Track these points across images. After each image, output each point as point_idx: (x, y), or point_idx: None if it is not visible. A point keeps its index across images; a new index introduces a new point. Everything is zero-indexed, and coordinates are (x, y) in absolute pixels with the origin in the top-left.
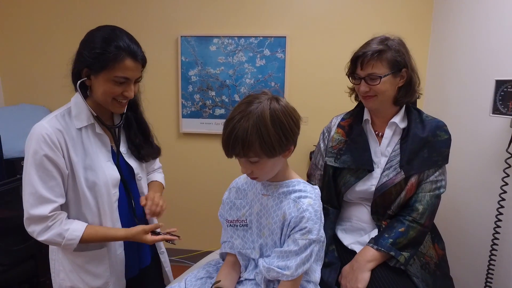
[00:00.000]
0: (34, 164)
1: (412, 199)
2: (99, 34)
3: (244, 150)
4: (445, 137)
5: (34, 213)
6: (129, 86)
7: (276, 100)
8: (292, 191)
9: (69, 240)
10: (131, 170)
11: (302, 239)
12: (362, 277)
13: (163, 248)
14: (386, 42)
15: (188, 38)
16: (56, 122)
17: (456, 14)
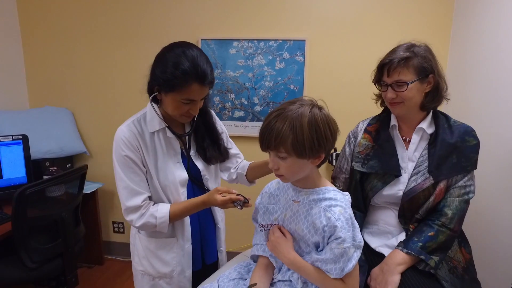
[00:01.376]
0: (120, 163)
1: (440, 204)
2: (170, 56)
3: (276, 143)
4: (473, 142)
5: (129, 204)
6: (194, 105)
7: (318, 108)
8: (322, 199)
9: (161, 218)
10: (198, 171)
11: (338, 248)
12: (392, 279)
13: (222, 247)
14: (412, 49)
15: (208, 41)
16: (133, 126)
17: (478, 16)
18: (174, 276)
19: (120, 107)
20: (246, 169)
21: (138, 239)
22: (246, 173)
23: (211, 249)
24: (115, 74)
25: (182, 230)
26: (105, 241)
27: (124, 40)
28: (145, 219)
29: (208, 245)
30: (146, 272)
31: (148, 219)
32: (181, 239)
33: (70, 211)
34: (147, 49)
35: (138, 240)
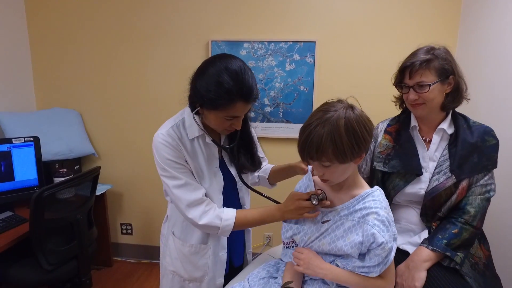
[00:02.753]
0: (169, 166)
1: (462, 202)
2: (212, 72)
3: (318, 155)
4: (493, 142)
5: (191, 198)
6: (238, 121)
7: (351, 109)
8: (353, 211)
9: (226, 220)
10: (233, 178)
11: (384, 251)
12: (419, 276)
13: (250, 248)
14: (433, 52)
15: (218, 42)
16: (172, 132)
17: (484, 18)
18: (205, 281)
19: (129, 109)
20: (269, 172)
21: (171, 240)
22: (269, 177)
23: (239, 252)
24: (124, 76)
25: (217, 237)
26: (113, 243)
27: (134, 41)
28: (209, 218)
29: (237, 248)
30: (177, 273)
31: (213, 219)
32: (215, 246)
33: (84, 213)
34: (157, 50)
35: (172, 241)
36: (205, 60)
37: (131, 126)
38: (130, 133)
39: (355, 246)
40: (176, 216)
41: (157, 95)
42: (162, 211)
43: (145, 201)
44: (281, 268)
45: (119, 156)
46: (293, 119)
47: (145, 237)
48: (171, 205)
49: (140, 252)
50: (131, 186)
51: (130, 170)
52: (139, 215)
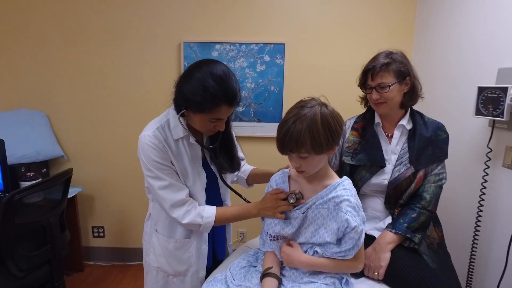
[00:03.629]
0: (154, 167)
1: (419, 190)
2: (198, 76)
3: (298, 147)
4: (444, 136)
5: (175, 199)
6: (221, 123)
7: (325, 106)
8: (327, 200)
9: (207, 217)
10: (215, 176)
11: (356, 234)
12: (384, 256)
13: (231, 241)
14: (391, 56)
15: (190, 43)
16: (158, 133)
17: (436, 27)
18: (188, 275)
19: (99, 110)
20: (248, 174)
21: (155, 237)
22: (247, 178)
23: (222, 245)
24: (94, 77)
25: (200, 232)
26: (85, 247)
27: (104, 41)
28: (191, 217)
29: (220, 242)
30: (161, 269)
31: (194, 218)
32: (197, 240)
33: (57, 216)
34: (128, 51)
35: (155, 238)
36: (191, 64)
37: (102, 127)
38: (101, 134)
39: (333, 233)
40: (159, 214)
41: (129, 96)
42: (136, 212)
43: (118, 202)
44: (260, 257)
45: (90, 158)
46: (264, 118)
47: (118, 239)
48: (153, 204)
49: (113, 254)
50: (103, 188)
51: (101, 172)
52: (112, 217)
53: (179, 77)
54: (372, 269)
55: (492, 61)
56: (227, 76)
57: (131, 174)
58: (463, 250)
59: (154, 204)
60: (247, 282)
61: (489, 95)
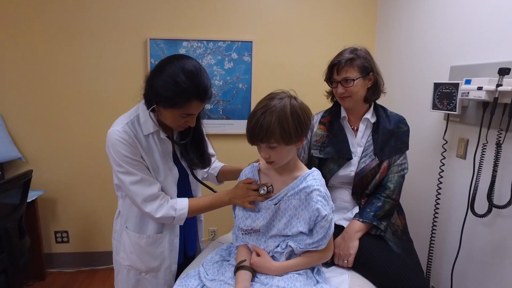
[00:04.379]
0: (125, 163)
1: (384, 180)
2: (169, 71)
3: (267, 137)
4: (405, 128)
5: (147, 193)
6: (192, 118)
7: (294, 99)
8: (298, 191)
9: (180, 209)
10: (185, 170)
11: (326, 223)
12: (353, 245)
13: (203, 237)
14: (355, 52)
15: (157, 40)
16: (128, 128)
17: (397, 25)
18: (161, 270)
19: (61, 109)
20: (218, 171)
21: (125, 235)
22: (217, 175)
23: (193, 241)
24: (54, 75)
25: (171, 226)
26: (47, 254)
27: (65, 38)
28: (165, 210)
29: (190, 237)
30: (133, 267)
31: (168, 211)
32: (170, 234)
33: (15, 222)
34: (91, 48)
35: (126, 236)
36: (162, 59)
37: (64, 128)
38: (63, 134)
39: (306, 223)
40: (129, 211)
41: (92, 95)
42: (102, 213)
43: (83, 205)
44: (233, 251)
45: (51, 160)
46: (232, 115)
47: (84, 243)
48: (122, 201)
49: (79, 260)
50: (66, 191)
51: (64, 173)
52: (76, 221)
53: (150, 72)
54: (342, 258)
55: (446, 60)
56: (199, 71)
57: (96, 174)
58: (424, 235)
59: (124, 201)
60: (221, 276)
61: (443, 91)
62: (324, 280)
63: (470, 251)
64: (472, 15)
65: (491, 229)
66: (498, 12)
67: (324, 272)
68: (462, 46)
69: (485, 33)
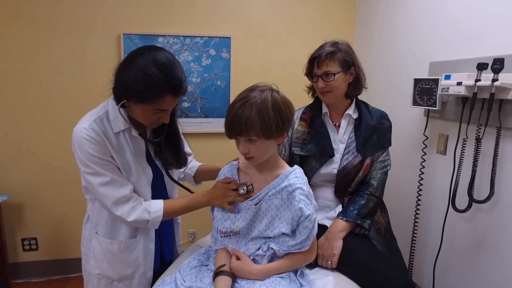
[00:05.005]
0: (93, 163)
1: (367, 177)
2: (140, 64)
3: (247, 129)
4: (387, 124)
5: (118, 195)
6: (166, 114)
7: (276, 92)
8: (280, 190)
9: (155, 212)
10: (160, 172)
11: (310, 223)
12: (336, 245)
13: (180, 241)
14: (337, 45)
15: (131, 36)
16: (95, 126)
17: (377, 19)
18: (135, 278)
19: (27, 109)
20: (195, 170)
21: (95, 241)
22: (194, 175)
23: (170, 245)
24: (20, 72)
25: (145, 230)
26: (12, 263)
27: (31, 33)
28: (138, 213)
29: (167, 241)
30: (104, 275)
31: (141, 214)
32: (144, 239)
33: None
34: (60, 43)
35: (96, 242)
36: (132, 51)
37: (30, 127)
38: (29, 135)
39: (288, 223)
40: (99, 215)
41: (62, 93)
42: (74, 218)
43: (52, 210)
44: (212, 255)
45: (17, 162)
46: (211, 113)
47: (54, 250)
48: (91, 204)
49: (49, 268)
50: (34, 195)
51: (32, 176)
52: (46, 227)
53: (119, 64)
54: (326, 258)
55: (425, 55)
56: (172, 63)
57: (66, 176)
58: (406, 232)
59: (93, 204)
60: (199, 282)
61: (423, 86)
62: (308, 282)
63: (451, 246)
64: (452, 11)
65: (471, 224)
66: (477, 8)
67: (307, 275)
68: (441, 41)
69: (465, 29)
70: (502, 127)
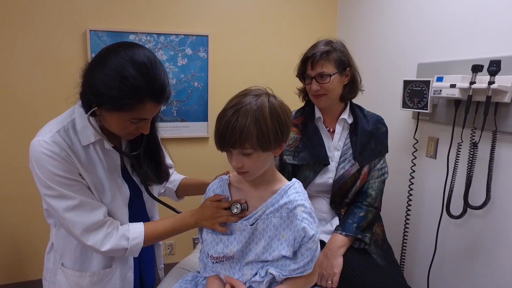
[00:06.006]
0: (56, 183)
1: (364, 186)
2: (114, 64)
3: (241, 141)
4: (384, 129)
5: (88, 221)
6: (145, 124)
7: (273, 97)
8: (278, 207)
9: (134, 239)
10: (138, 188)
11: (314, 242)
12: (337, 262)
13: (162, 264)
14: (331, 44)
15: (99, 32)
16: (59, 138)
17: (359, 20)
18: None
19: None
20: (178, 185)
21: (61, 274)
22: (177, 190)
23: (150, 270)
24: None
25: (122, 257)
26: None
27: None
28: (113, 241)
29: (147, 267)
30: None
31: (118, 242)
32: (121, 267)
33: None
34: (16, 41)
35: (62, 275)
36: (104, 48)
37: None
38: None
39: (289, 245)
40: (65, 243)
41: (18, 97)
42: (34, 237)
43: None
44: (200, 283)
45: None
46: (188, 117)
47: (12, 273)
48: (56, 230)
49: None
50: None
51: None
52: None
53: (88, 64)
54: (326, 278)
55: (413, 57)
56: (153, 64)
57: (24, 190)
58: (396, 237)
59: (58, 230)
60: None
61: (414, 88)
62: None
63: (444, 252)
64: (440, 12)
65: (464, 229)
66: (465, 10)
67: None
68: (430, 42)
69: (454, 30)
70: (497, 130)
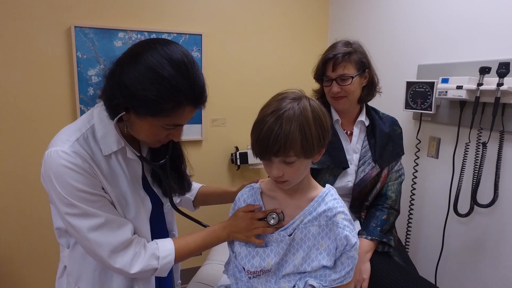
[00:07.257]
0: (78, 201)
1: (383, 189)
2: (150, 63)
3: (286, 148)
4: (399, 131)
5: (116, 241)
6: (178, 130)
7: (313, 99)
8: (317, 215)
9: (164, 258)
10: (159, 201)
11: (356, 250)
12: (365, 268)
13: (179, 279)
14: (351, 45)
15: (85, 29)
16: (79, 148)
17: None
18: None
19: None
20: (195, 194)
21: None
22: (195, 199)
23: (168, 286)
24: None
25: None
26: None
27: None
28: (144, 261)
29: (166, 283)
30: None
31: (148, 262)
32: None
33: None
34: None
35: None
36: (135, 44)
37: None
38: None
39: (331, 254)
40: (81, 265)
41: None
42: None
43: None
44: None
45: None
46: None
47: None
48: (69, 251)
49: None
50: None
51: None
52: None
53: (115, 62)
54: (355, 284)
55: (413, 58)
56: (192, 63)
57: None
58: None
59: (72, 251)
60: None
61: (417, 90)
62: None
63: (449, 250)
64: (440, 14)
65: (469, 227)
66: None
67: None
68: (430, 44)
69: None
70: (505, 131)
